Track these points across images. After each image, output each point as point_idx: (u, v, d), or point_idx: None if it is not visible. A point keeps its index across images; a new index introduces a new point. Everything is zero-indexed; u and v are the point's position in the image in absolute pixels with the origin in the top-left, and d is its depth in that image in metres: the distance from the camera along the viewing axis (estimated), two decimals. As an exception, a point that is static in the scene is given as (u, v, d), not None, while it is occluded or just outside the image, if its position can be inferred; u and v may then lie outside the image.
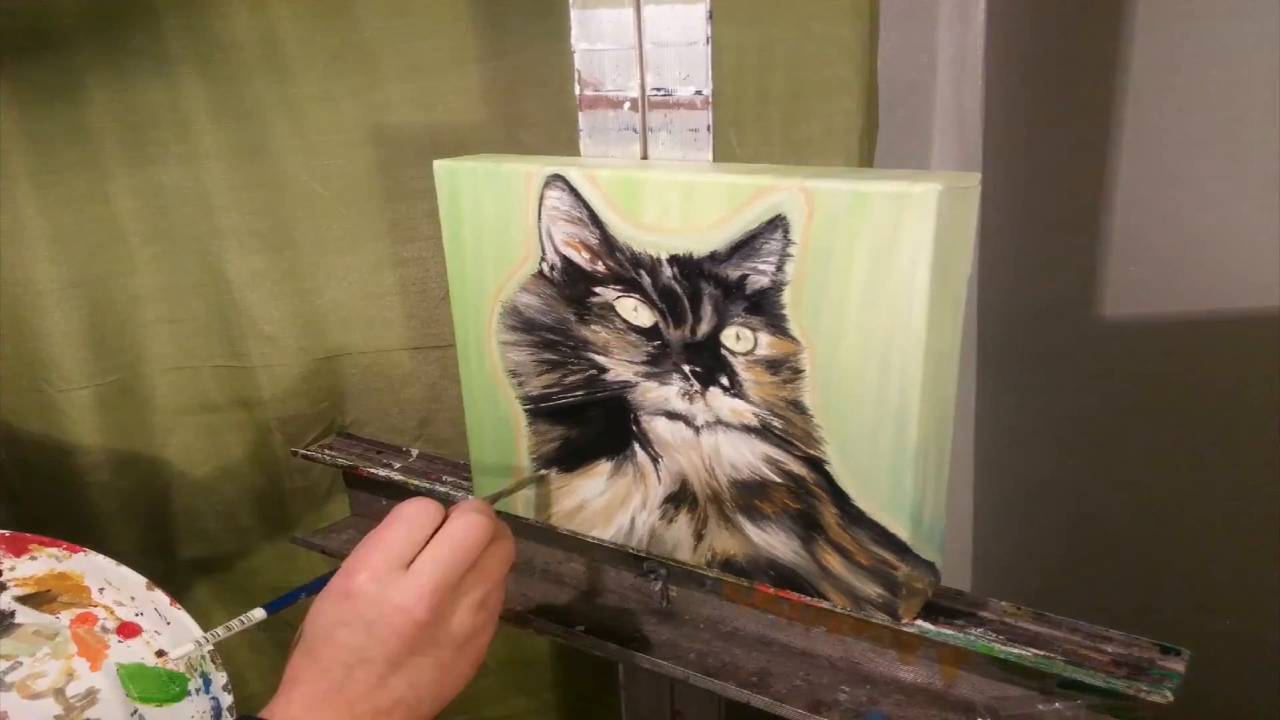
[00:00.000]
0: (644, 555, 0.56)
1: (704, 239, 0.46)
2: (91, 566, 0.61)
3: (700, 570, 0.54)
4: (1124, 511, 0.91)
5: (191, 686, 0.57)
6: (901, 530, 0.45)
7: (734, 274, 0.45)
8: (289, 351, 0.82)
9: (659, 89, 0.50)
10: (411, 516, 0.45)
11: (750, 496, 0.50)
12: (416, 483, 0.65)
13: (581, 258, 0.50)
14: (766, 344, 0.46)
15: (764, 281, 0.45)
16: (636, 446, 0.53)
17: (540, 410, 0.55)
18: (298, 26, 0.74)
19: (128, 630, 0.60)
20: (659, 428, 0.51)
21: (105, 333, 0.80)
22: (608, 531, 0.56)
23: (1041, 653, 0.45)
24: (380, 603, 0.42)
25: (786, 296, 0.44)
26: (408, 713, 0.43)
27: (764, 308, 0.45)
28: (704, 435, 0.50)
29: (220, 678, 0.57)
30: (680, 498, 0.52)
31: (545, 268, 0.52)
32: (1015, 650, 0.46)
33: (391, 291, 0.82)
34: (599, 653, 0.56)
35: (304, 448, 0.73)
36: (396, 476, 0.66)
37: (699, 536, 0.53)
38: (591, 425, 0.54)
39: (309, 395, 0.83)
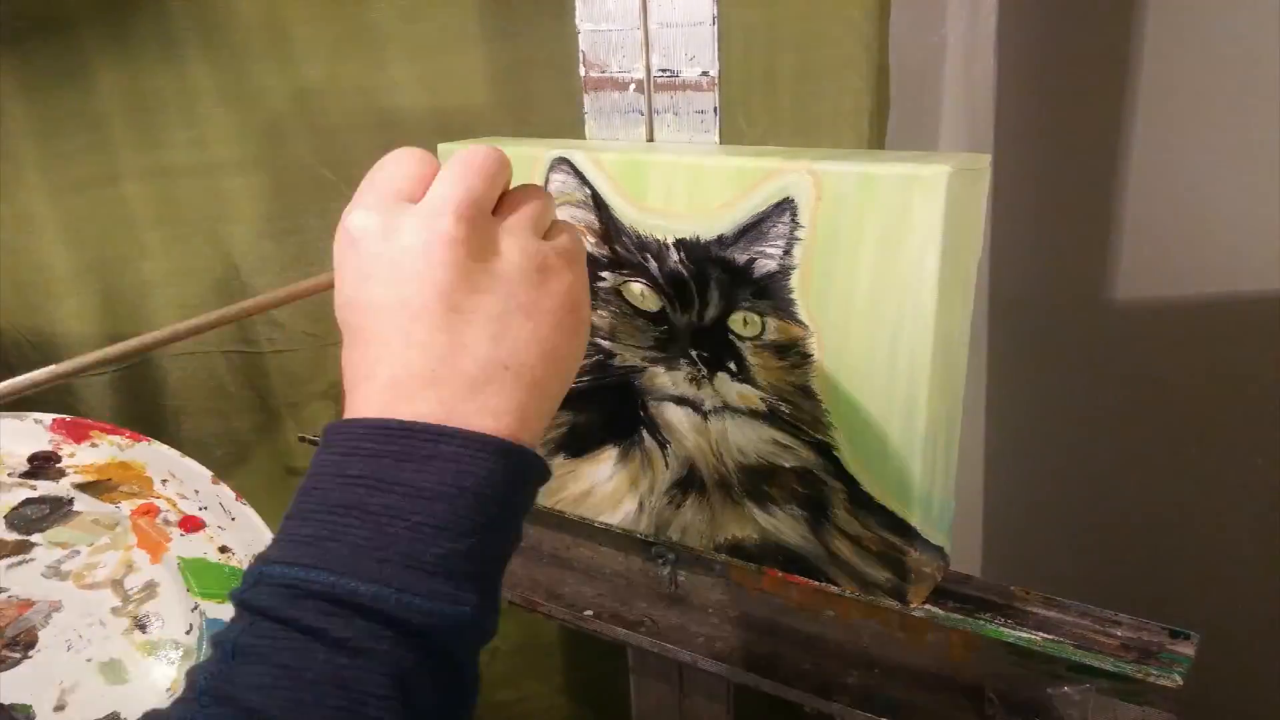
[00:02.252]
0: (652, 540, 0.56)
1: (711, 222, 0.45)
2: (155, 456, 0.59)
3: (708, 555, 0.54)
4: (1134, 497, 0.91)
5: None
6: (910, 515, 0.45)
7: (741, 258, 0.45)
8: (298, 337, 0.82)
9: (665, 70, 0.49)
10: (400, 155, 0.37)
11: (758, 481, 0.50)
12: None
13: (587, 242, 0.50)
14: (774, 328, 0.46)
15: (772, 265, 0.44)
16: (644, 432, 0.52)
17: (548, 395, 0.55)
18: (303, 8, 0.74)
19: (190, 524, 0.58)
20: (666, 413, 0.51)
21: (119, 318, 0.81)
22: (615, 517, 0.56)
23: (1051, 637, 0.45)
24: (394, 233, 0.34)
25: (794, 280, 0.44)
26: (514, 379, 0.33)
27: (772, 292, 0.45)
28: (712, 420, 0.50)
29: None
30: (688, 483, 0.52)
31: (552, 252, 0.51)
32: (1024, 634, 0.45)
33: (400, 276, 0.82)
34: (608, 637, 0.57)
35: (313, 434, 0.73)
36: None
37: (707, 522, 0.53)
38: (598, 411, 0.54)
39: (318, 381, 0.84)
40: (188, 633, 0.55)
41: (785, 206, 0.43)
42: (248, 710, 0.27)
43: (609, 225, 0.49)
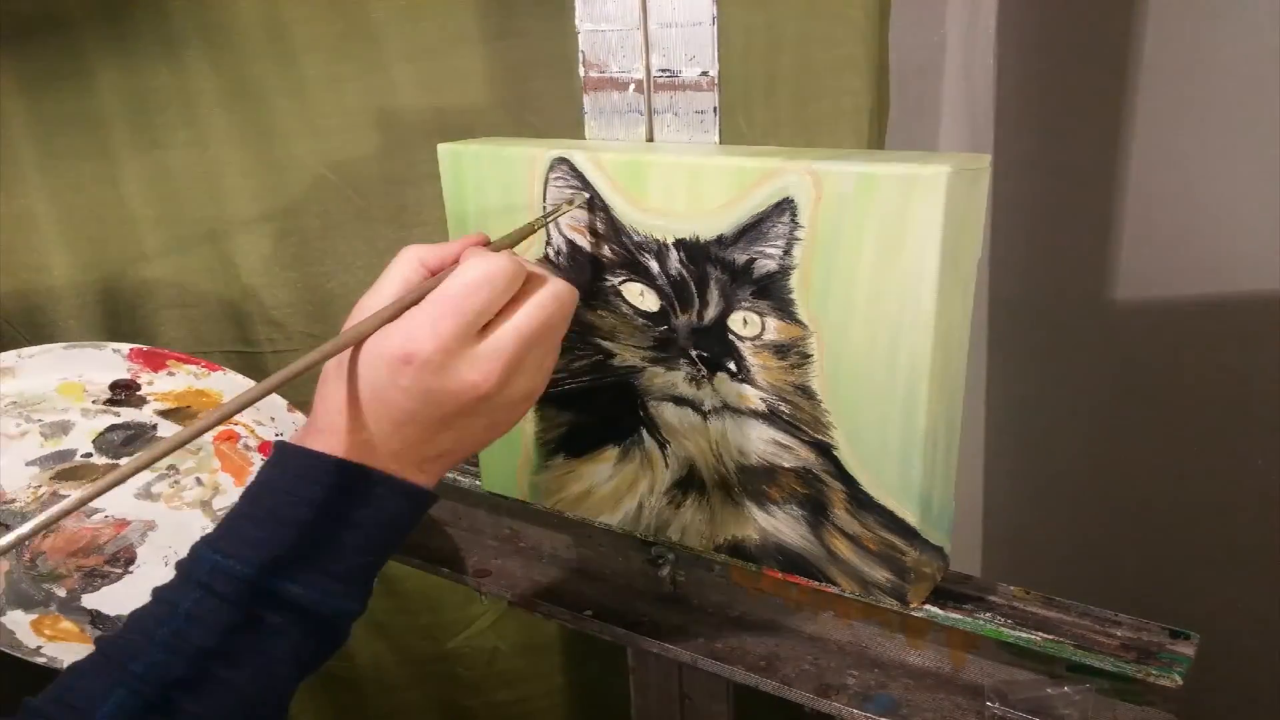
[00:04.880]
0: (652, 540, 0.56)
1: (711, 223, 0.45)
2: (230, 385, 0.62)
3: (708, 555, 0.54)
4: (1134, 496, 0.91)
5: None
6: (910, 515, 0.45)
7: (741, 258, 0.45)
8: (298, 337, 0.82)
9: (665, 70, 0.49)
10: (495, 279, 0.39)
11: (758, 482, 0.50)
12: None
13: (587, 242, 0.50)
14: (774, 329, 0.46)
15: (771, 265, 0.44)
16: (644, 432, 0.52)
17: (547, 396, 0.55)
18: (303, 8, 0.74)
19: (268, 449, 0.60)
20: (666, 413, 0.51)
21: (119, 319, 0.81)
22: (615, 517, 0.56)
23: (1050, 637, 0.45)
24: (445, 374, 0.39)
25: (794, 280, 0.44)
26: (449, 461, 0.42)
27: (771, 292, 0.45)
28: (711, 420, 0.50)
29: None
30: (688, 483, 0.52)
31: (550, 253, 0.51)
32: (1024, 634, 0.45)
33: (400, 276, 0.82)
34: (608, 637, 0.56)
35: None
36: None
37: (707, 522, 0.52)
38: (598, 411, 0.54)
39: (318, 381, 0.84)
40: None
41: (785, 206, 0.43)
42: (199, 654, 0.37)
43: (609, 225, 0.49)
